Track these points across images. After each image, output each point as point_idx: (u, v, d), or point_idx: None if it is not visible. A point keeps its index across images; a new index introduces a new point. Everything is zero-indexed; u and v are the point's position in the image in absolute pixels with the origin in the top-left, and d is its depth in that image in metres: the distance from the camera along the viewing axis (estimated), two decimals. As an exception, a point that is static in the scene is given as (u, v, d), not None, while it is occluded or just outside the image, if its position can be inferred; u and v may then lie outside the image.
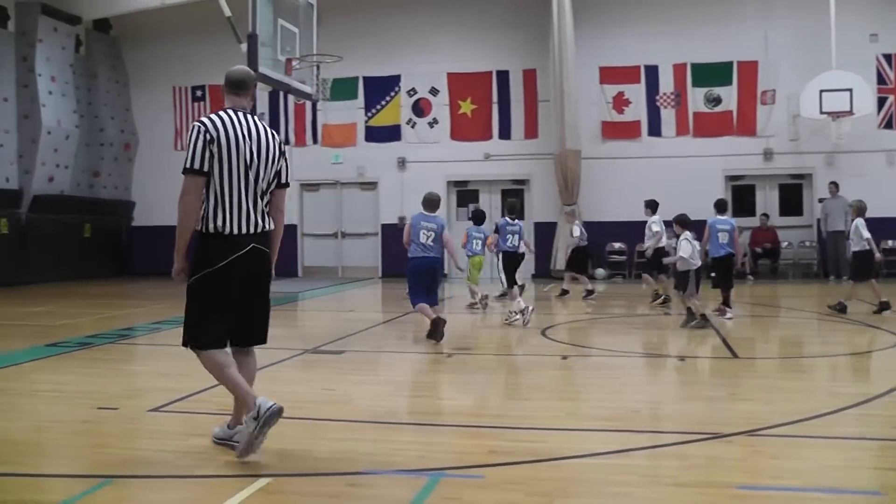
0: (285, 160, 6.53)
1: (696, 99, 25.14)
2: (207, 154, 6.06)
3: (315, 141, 26.88)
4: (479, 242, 17.06)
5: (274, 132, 6.51)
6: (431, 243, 12.52)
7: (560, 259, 23.58)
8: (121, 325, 14.80)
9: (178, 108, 27.88)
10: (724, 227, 15.50)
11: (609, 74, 25.32)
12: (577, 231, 19.22)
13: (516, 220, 16.24)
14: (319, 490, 5.65)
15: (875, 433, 7.19)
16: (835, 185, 23.55)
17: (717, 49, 24.86)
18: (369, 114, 26.54)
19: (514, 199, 19.67)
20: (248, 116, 6.35)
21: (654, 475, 5.95)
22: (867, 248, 15.79)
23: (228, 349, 6.43)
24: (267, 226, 6.37)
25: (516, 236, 15.96)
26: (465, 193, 26.44)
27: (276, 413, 6.08)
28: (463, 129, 26.08)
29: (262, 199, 6.33)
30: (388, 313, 16.93)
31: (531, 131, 25.72)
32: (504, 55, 25.72)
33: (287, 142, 26.75)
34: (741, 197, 25.57)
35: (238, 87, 6.46)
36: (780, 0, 24.63)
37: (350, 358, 11.08)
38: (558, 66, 23.57)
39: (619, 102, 25.30)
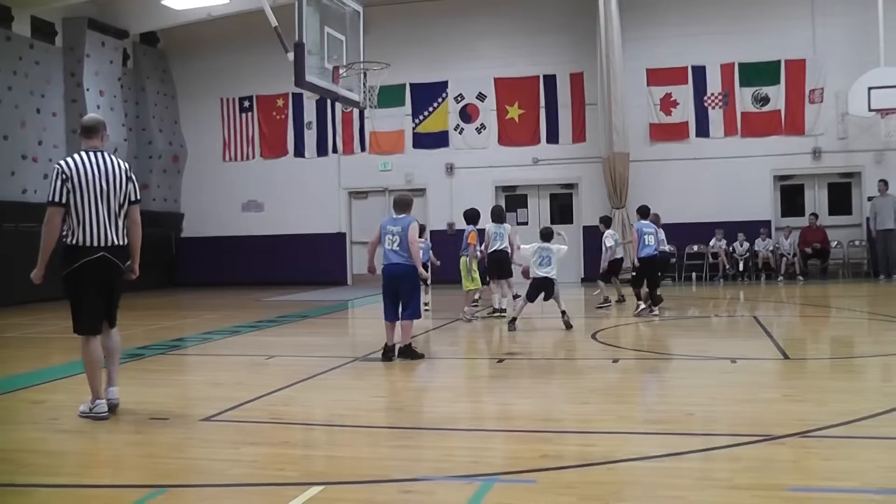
0: (133, 183, 8.14)
1: (744, 99, 24.98)
2: (64, 190, 7.72)
3: (363, 149, 27.01)
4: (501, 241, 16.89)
5: (121, 162, 8.16)
6: (396, 248, 11.26)
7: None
8: (171, 335, 14.92)
9: (226, 120, 28.15)
10: (649, 230, 16.36)
11: (656, 76, 25.24)
12: (609, 241, 18.60)
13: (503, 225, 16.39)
14: (373, 497, 5.66)
15: (928, 433, 7.12)
16: (884, 183, 23.35)
17: (765, 48, 24.68)
18: (417, 120, 26.64)
19: (498, 205, 19.59)
20: (99, 154, 7.98)
21: (707, 478, 5.93)
22: None
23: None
24: (119, 240, 8.00)
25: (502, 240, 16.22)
26: (514, 198, 26.44)
27: (104, 418, 7.87)
28: (511, 134, 26.10)
29: (118, 217, 7.98)
30: (437, 320, 16.92)
31: (579, 135, 25.68)
32: (551, 59, 25.69)
33: (335, 150, 26.96)
34: (790, 197, 25.39)
35: (89, 132, 8.10)
36: (827, -3, 24.39)
37: (400, 365, 11.08)
38: (605, 69, 23.54)
39: (667, 104, 25.20)
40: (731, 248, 24.19)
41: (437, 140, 26.48)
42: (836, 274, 24.51)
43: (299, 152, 27.38)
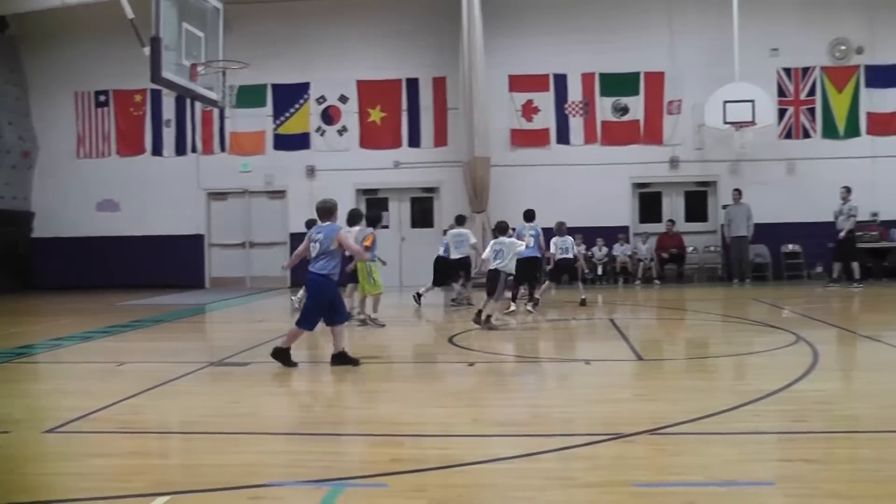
0: None
1: (604, 108, 25.41)
2: None
3: (223, 149, 26.44)
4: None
5: None
6: (312, 256, 10.89)
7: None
8: (19, 342, 14.22)
9: (80, 114, 27.07)
10: (531, 233, 17.13)
11: (518, 82, 25.45)
12: (472, 239, 18.76)
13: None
14: (220, 505, 5.55)
15: (770, 427, 7.42)
16: (738, 192, 24.06)
17: (625, 59, 25.17)
18: (278, 121, 26.24)
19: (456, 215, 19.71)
20: None
21: (558, 477, 5.99)
22: None
23: None
24: None
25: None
26: (375, 201, 26.24)
27: None
28: (372, 137, 25.96)
29: None
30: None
31: (441, 139, 25.72)
32: (414, 63, 25.68)
33: (194, 149, 26.39)
34: (648, 203, 25.94)
35: None
36: (685, 14, 25.09)
37: (257, 370, 10.88)
38: (468, 74, 23.57)
39: (529, 110, 25.44)
40: (590, 253, 24.52)
41: (299, 142, 26.15)
42: (691, 278, 25.12)
43: (157, 151, 26.63)
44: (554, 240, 18.06)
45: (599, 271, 24.66)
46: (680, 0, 25.11)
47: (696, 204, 26.06)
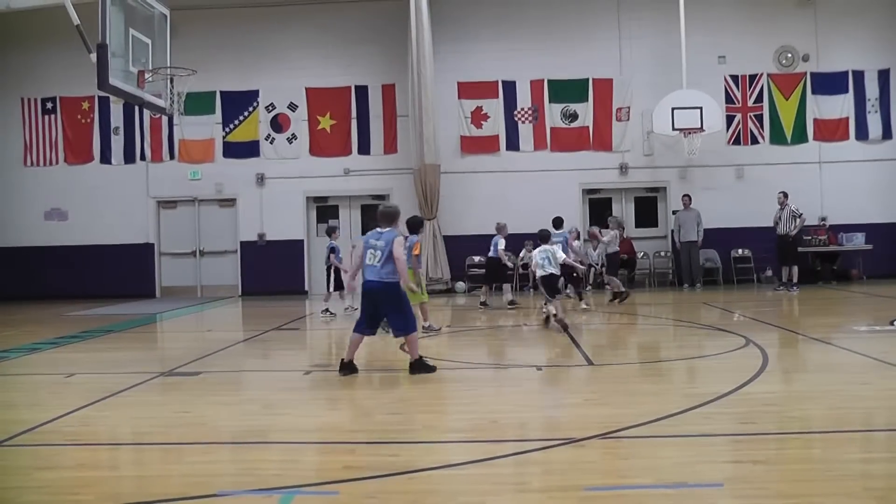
0: None
1: (554, 114, 25.51)
2: None
3: (172, 156, 26.16)
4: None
5: None
6: (376, 264, 10.58)
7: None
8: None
9: (27, 121, 26.64)
10: (558, 240, 17.55)
11: (467, 89, 25.49)
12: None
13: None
14: (169, 515, 5.50)
15: (720, 429, 7.46)
16: (688, 198, 24.31)
17: (573, 66, 25.33)
18: (227, 129, 26.05)
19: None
20: None
21: (510, 483, 6.02)
22: None
23: None
24: None
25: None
26: (325, 209, 26.22)
27: None
28: (322, 145, 25.86)
29: None
30: (248, 332, 16.71)
31: (390, 146, 25.67)
32: (363, 70, 25.62)
33: (143, 157, 26.13)
34: (598, 209, 26.01)
35: None
36: (633, 21, 25.29)
37: (207, 379, 10.83)
38: (417, 81, 23.59)
39: (478, 117, 25.48)
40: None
41: (248, 149, 25.97)
42: (642, 283, 25.29)
43: (106, 158, 26.30)
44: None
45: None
46: (628, 8, 25.29)
47: (646, 209, 26.27)
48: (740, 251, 24.98)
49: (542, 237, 15.95)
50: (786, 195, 22.47)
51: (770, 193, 23.22)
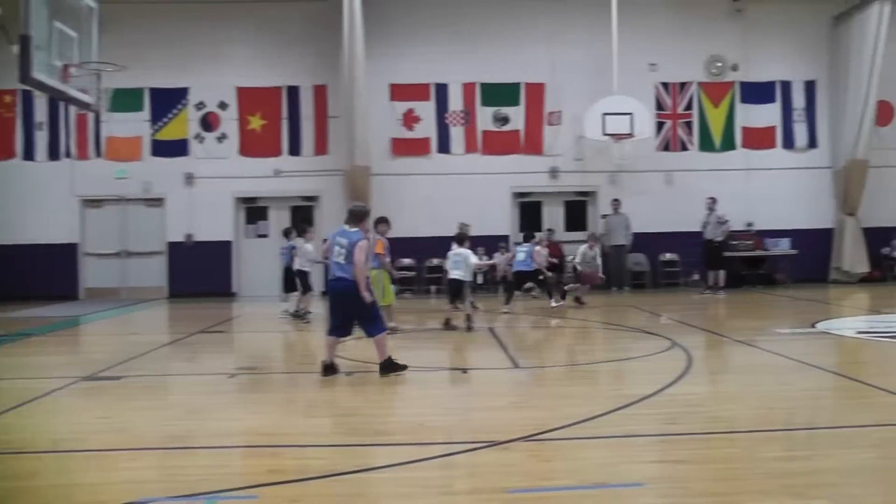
0: None
1: (485, 117, 25.54)
2: None
3: (98, 154, 25.62)
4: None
5: None
6: (342, 262, 10.47)
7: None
8: None
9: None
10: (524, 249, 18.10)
11: (399, 91, 25.40)
12: None
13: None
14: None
15: (644, 430, 7.53)
16: (617, 202, 24.53)
17: (505, 70, 25.39)
18: (155, 127, 25.57)
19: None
20: None
21: (434, 486, 6.00)
22: None
23: None
24: None
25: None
26: (255, 210, 25.94)
27: None
28: (252, 145, 25.56)
29: None
30: (174, 334, 16.47)
31: (321, 147, 25.47)
32: (294, 70, 25.39)
33: (68, 154, 25.60)
34: (529, 213, 26.13)
35: None
36: (566, 26, 25.42)
37: (131, 383, 10.62)
38: (348, 82, 23.42)
39: (409, 119, 25.42)
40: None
41: (177, 148, 25.55)
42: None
43: (29, 155, 25.64)
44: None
45: (480, 280, 24.71)
46: (561, 13, 25.41)
47: (576, 213, 26.39)
48: (668, 255, 25.26)
49: (458, 239, 15.97)
50: (714, 200, 22.76)
51: (698, 199, 23.53)
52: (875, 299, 21.15)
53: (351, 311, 10.63)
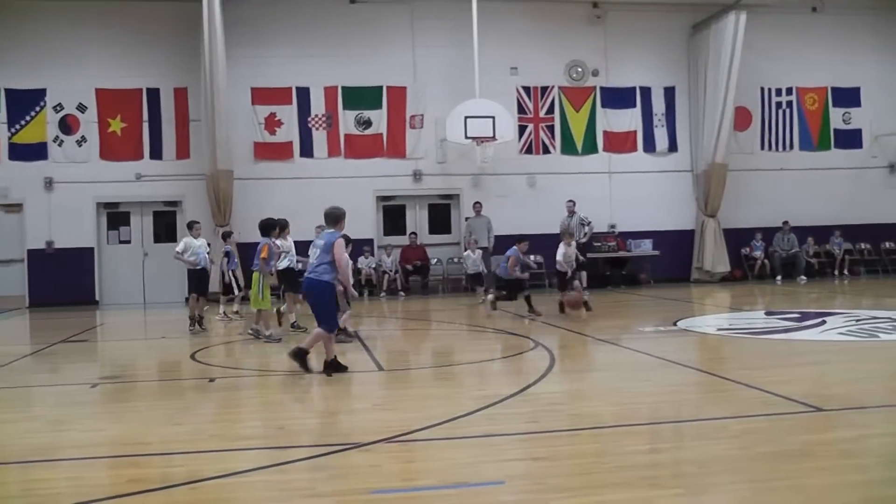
0: None
1: (348, 121, 25.56)
2: None
3: (-49, 158, 24.91)
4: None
5: None
6: (314, 261, 11.23)
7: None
8: None
9: None
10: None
11: (261, 95, 25.22)
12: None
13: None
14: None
15: (504, 429, 7.64)
16: (479, 205, 24.84)
17: (367, 73, 25.45)
18: (12, 129, 24.76)
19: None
20: None
21: (297, 488, 6.01)
22: None
23: None
24: None
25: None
26: (117, 216, 25.37)
27: None
28: (113, 149, 25.00)
29: None
30: (35, 345, 16.06)
31: (183, 151, 25.06)
32: (155, 72, 24.89)
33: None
34: (392, 216, 26.31)
35: None
36: (427, 30, 25.64)
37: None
38: (209, 86, 23.14)
39: (272, 123, 25.25)
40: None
41: (36, 152, 24.78)
42: (436, 289, 25.63)
43: None
44: None
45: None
46: (422, 17, 25.61)
47: (440, 216, 26.65)
48: (532, 257, 25.51)
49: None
50: (573, 203, 23.20)
51: (561, 202, 24.04)
52: (735, 297, 21.95)
53: (313, 303, 11.21)
